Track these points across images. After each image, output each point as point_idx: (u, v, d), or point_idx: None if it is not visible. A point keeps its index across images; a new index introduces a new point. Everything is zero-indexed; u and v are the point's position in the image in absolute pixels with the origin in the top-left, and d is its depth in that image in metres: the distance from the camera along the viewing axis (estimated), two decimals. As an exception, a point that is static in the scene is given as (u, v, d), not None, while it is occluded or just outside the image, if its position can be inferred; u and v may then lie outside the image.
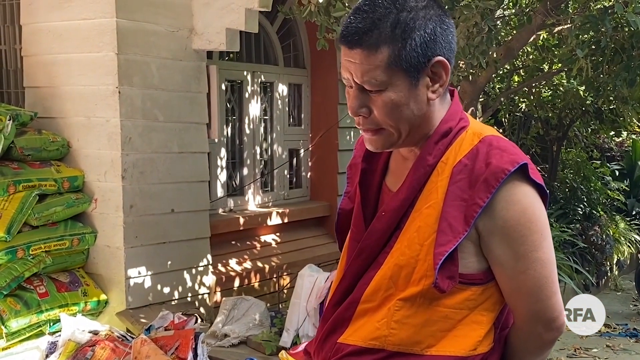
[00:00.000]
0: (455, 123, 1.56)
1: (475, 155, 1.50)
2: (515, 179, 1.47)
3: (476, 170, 1.48)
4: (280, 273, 5.48)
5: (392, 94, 1.48)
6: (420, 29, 1.47)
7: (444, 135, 1.55)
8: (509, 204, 1.47)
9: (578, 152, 9.36)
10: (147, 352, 3.55)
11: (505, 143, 1.52)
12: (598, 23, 4.09)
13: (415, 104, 1.50)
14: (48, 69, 4.44)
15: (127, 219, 4.27)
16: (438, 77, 1.51)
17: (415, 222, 1.52)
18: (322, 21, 4.36)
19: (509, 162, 1.46)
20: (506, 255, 1.50)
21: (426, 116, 1.54)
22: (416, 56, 1.47)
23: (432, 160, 1.54)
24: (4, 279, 3.84)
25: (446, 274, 1.47)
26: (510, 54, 5.20)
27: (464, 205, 1.47)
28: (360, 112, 1.52)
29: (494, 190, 1.45)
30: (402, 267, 1.52)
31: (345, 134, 6.19)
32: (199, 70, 4.70)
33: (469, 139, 1.54)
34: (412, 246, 1.51)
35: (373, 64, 1.47)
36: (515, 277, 1.51)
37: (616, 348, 6.11)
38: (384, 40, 1.46)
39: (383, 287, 1.54)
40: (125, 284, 4.28)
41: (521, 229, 1.49)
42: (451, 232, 1.47)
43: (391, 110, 1.50)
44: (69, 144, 4.40)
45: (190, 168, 4.66)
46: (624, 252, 8.70)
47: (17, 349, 3.90)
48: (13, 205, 3.95)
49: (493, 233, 1.49)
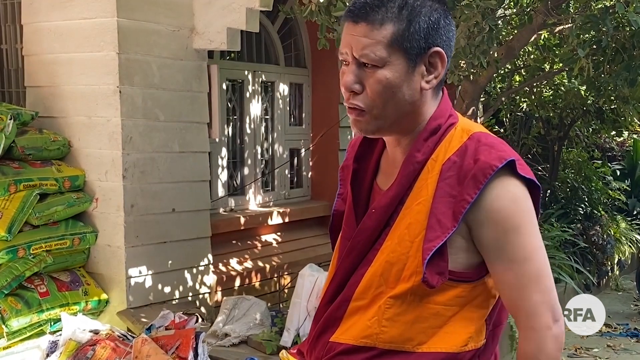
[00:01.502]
0: (445, 120, 1.58)
1: (464, 152, 1.51)
2: (504, 175, 1.49)
3: (465, 166, 1.49)
4: (281, 272, 5.48)
5: (387, 72, 1.50)
6: (425, 15, 1.51)
7: (433, 132, 1.56)
8: (499, 195, 1.49)
9: (579, 151, 9.35)
10: (148, 352, 3.55)
11: (493, 140, 1.54)
12: (599, 22, 4.09)
13: (407, 89, 1.52)
14: (49, 68, 4.44)
15: (128, 219, 4.27)
16: (434, 68, 1.54)
17: (406, 219, 1.53)
18: (322, 20, 4.36)
19: (497, 159, 1.48)
20: (502, 245, 1.50)
21: (416, 105, 1.55)
22: (418, 39, 1.50)
23: (422, 157, 1.55)
24: (5, 278, 3.85)
25: (435, 269, 1.48)
26: (511, 54, 5.20)
27: (452, 202, 1.49)
28: (354, 87, 1.53)
29: (482, 186, 1.47)
30: (393, 264, 1.53)
31: (346, 133, 6.19)
32: (200, 69, 4.70)
33: (458, 135, 1.55)
34: (403, 243, 1.52)
35: (375, 39, 1.49)
36: (516, 268, 1.50)
37: (617, 348, 6.11)
38: (390, 18, 1.49)
39: (374, 285, 1.55)
40: (126, 283, 4.28)
41: (514, 218, 1.50)
42: (440, 228, 1.48)
43: (383, 89, 1.51)
44: (70, 143, 4.40)
45: (191, 167, 4.67)
46: (624, 252, 8.69)
47: (17, 348, 3.91)
48: (14, 204, 3.95)
49: (484, 224, 1.49)
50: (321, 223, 6.21)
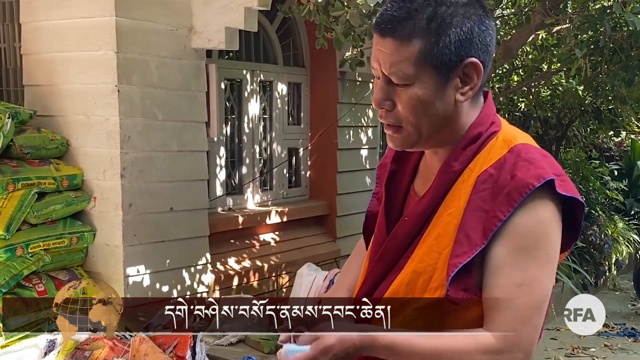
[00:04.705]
0: (486, 128, 1.51)
1: (502, 165, 1.44)
2: (540, 195, 1.41)
3: (501, 181, 1.42)
4: (279, 272, 5.48)
5: (418, 89, 1.44)
6: (457, 26, 1.42)
7: (473, 140, 1.50)
8: (526, 214, 1.40)
9: (577, 151, 9.37)
10: (146, 350, 3.55)
11: (534, 155, 1.45)
12: (597, 23, 4.10)
13: (441, 104, 1.45)
14: (47, 67, 4.44)
15: (126, 218, 4.28)
16: (469, 80, 1.46)
17: (436, 229, 1.48)
18: (321, 20, 4.37)
19: (535, 177, 1.40)
20: (506, 259, 1.41)
21: (452, 118, 1.48)
22: (448, 54, 1.42)
23: (458, 166, 1.49)
24: (3, 277, 3.85)
25: (461, 285, 1.41)
26: (509, 54, 5.21)
27: (484, 217, 1.42)
28: (384, 104, 1.48)
29: (516, 205, 1.39)
30: (420, 274, 1.47)
31: (344, 133, 6.19)
32: (198, 69, 4.70)
33: (499, 146, 1.48)
34: (431, 253, 1.46)
35: (403, 56, 1.43)
36: (509, 287, 1.40)
37: (614, 347, 6.12)
38: (418, 33, 1.42)
39: (401, 293, 1.49)
40: (124, 282, 4.28)
41: (531, 239, 1.41)
42: (468, 243, 1.41)
43: (415, 106, 1.45)
44: (68, 142, 4.40)
45: (189, 167, 4.67)
46: (622, 251, 8.71)
47: (15, 347, 3.90)
48: (12, 203, 3.96)
49: (502, 236, 1.41)
50: (319, 222, 6.22)
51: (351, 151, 6.29)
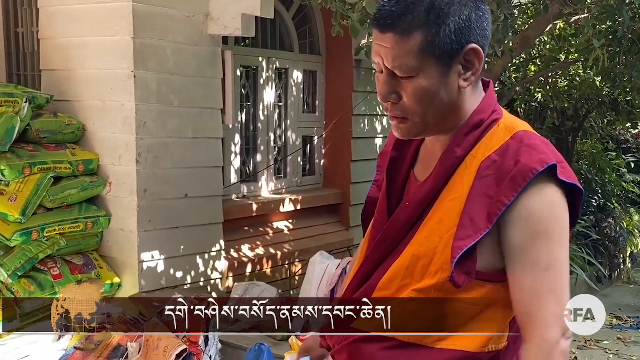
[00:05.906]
0: (487, 115, 1.53)
1: (505, 151, 1.46)
2: (543, 179, 1.44)
3: (504, 167, 1.44)
4: (292, 259, 5.50)
5: (422, 80, 1.46)
6: (455, 14, 1.44)
7: (475, 127, 1.52)
8: (535, 198, 1.43)
9: (593, 143, 9.30)
10: (159, 335, 3.58)
11: (536, 140, 1.48)
12: (615, 13, 4.06)
13: (445, 92, 1.48)
14: (64, 52, 4.46)
15: (141, 203, 4.30)
16: (471, 65, 1.49)
17: (437, 214, 1.50)
18: (337, 7, 4.34)
19: (538, 162, 1.43)
20: (527, 247, 1.44)
21: (456, 105, 1.51)
22: (449, 43, 1.44)
23: (461, 152, 1.51)
24: (18, 260, 3.88)
25: (463, 269, 1.44)
26: (526, 43, 5.17)
27: (488, 202, 1.44)
28: (390, 97, 1.49)
29: (520, 188, 1.42)
30: (420, 258, 1.50)
31: (359, 121, 6.18)
32: (214, 55, 4.71)
33: (501, 133, 1.51)
34: (432, 238, 1.49)
35: (404, 49, 1.44)
36: (537, 274, 1.44)
37: (627, 340, 6.09)
38: (417, 25, 1.43)
39: (399, 276, 1.52)
40: (138, 267, 4.31)
41: (547, 223, 1.44)
42: (472, 227, 1.44)
43: (421, 97, 1.47)
44: (84, 127, 4.42)
45: (204, 153, 4.68)
46: (637, 244, 8.65)
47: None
48: (28, 187, 3.99)
49: (514, 223, 1.44)
50: (333, 211, 6.23)
51: (365, 140, 6.28)
